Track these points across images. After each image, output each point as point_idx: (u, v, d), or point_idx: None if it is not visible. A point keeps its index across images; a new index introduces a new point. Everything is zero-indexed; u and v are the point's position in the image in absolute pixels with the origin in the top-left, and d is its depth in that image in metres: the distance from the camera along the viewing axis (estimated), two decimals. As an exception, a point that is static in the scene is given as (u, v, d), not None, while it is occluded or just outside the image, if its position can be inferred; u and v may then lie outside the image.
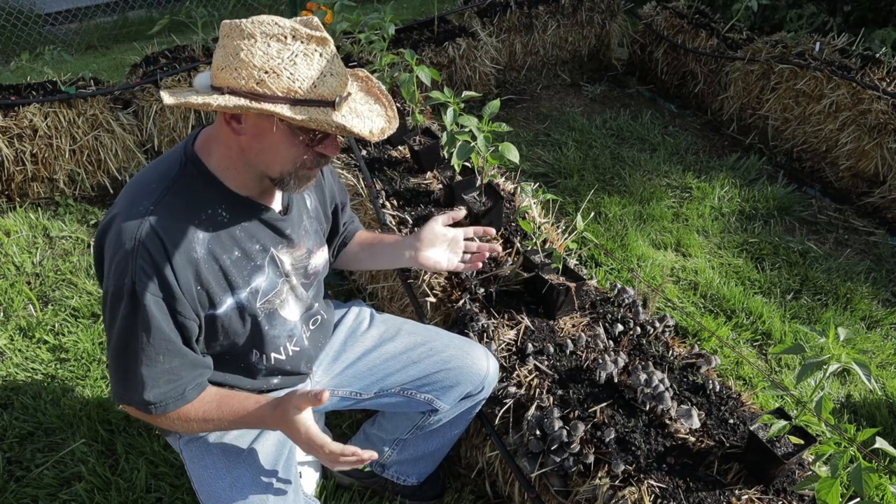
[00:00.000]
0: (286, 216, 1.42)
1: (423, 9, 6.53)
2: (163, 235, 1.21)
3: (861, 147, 3.49)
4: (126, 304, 1.21)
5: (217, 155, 1.28)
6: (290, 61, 1.13)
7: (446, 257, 1.67)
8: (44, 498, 1.99)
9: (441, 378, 1.65)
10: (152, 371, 1.25)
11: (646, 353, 1.80)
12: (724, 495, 1.44)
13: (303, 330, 1.53)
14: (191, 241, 1.25)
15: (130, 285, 1.19)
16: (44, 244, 3.16)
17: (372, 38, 2.98)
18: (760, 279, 3.00)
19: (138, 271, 1.19)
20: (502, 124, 2.06)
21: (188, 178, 1.28)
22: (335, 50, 1.19)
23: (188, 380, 1.31)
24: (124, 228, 1.21)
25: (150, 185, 1.27)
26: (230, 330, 1.36)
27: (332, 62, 1.18)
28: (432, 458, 1.88)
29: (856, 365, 1.29)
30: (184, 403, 1.31)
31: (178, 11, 4.29)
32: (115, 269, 1.21)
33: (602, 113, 4.41)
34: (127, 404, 1.31)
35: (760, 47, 4.05)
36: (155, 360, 1.25)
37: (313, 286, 1.56)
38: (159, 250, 1.20)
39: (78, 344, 2.53)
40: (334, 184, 1.69)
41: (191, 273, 1.25)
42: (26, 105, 3.26)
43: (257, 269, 1.37)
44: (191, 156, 1.29)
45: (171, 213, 1.23)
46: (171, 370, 1.27)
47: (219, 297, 1.31)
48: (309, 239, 1.50)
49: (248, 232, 1.34)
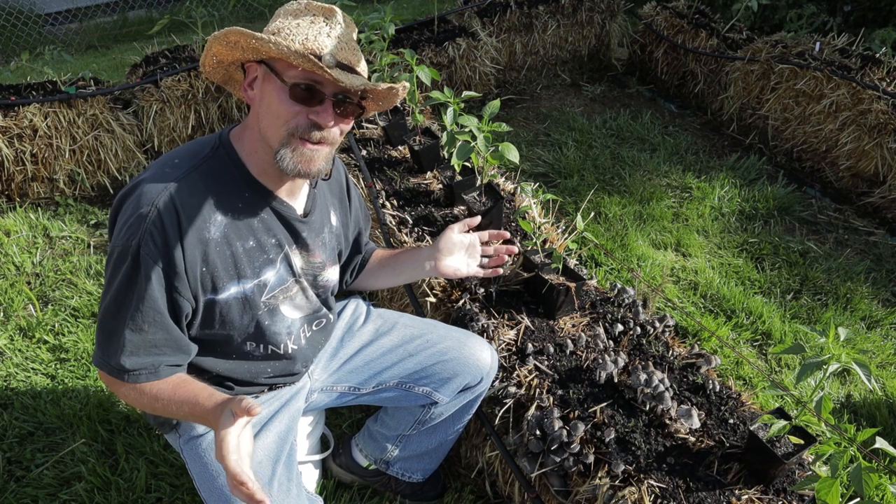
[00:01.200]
0: (306, 219, 1.43)
1: (423, 9, 6.53)
2: (180, 208, 1.23)
3: (861, 147, 3.49)
4: (128, 265, 1.22)
5: (245, 140, 1.33)
6: (296, 25, 1.24)
7: (465, 263, 1.70)
8: (44, 498, 1.99)
9: (438, 370, 1.66)
10: (135, 338, 1.26)
11: (646, 353, 1.80)
12: (724, 495, 1.44)
13: (302, 329, 1.53)
14: (206, 220, 1.26)
15: (136, 248, 1.21)
16: (44, 244, 3.16)
17: (372, 38, 2.98)
18: (760, 279, 3.00)
19: (146, 236, 1.21)
20: (502, 124, 2.06)
21: (217, 161, 1.31)
22: (342, 21, 1.28)
23: (167, 359, 1.31)
24: (144, 193, 1.23)
25: (180, 160, 1.30)
26: (227, 318, 1.36)
27: (332, 28, 1.25)
28: (436, 454, 1.88)
29: (856, 365, 1.29)
30: (154, 379, 1.31)
31: (178, 11, 4.29)
32: (125, 229, 1.22)
33: (602, 113, 4.41)
34: (102, 367, 1.31)
35: (760, 47, 4.05)
36: (140, 328, 1.25)
37: (323, 296, 1.57)
38: (173, 221, 1.22)
39: (78, 344, 2.53)
40: (360, 210, 1.71)
41: (199, 252, 1.26)
42: (26, 105, 3.26)
43: (269, 262, 1.38)
44: (225, 141, 1.34)
45: (194, 190, 1.26)
46: (153, 342, 1.27)
47: (223, 283, 1.31)
48: (325, 252, 1.51)
49: (266, 224, 1.36)
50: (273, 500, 1.38)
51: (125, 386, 1.32)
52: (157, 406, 1.33)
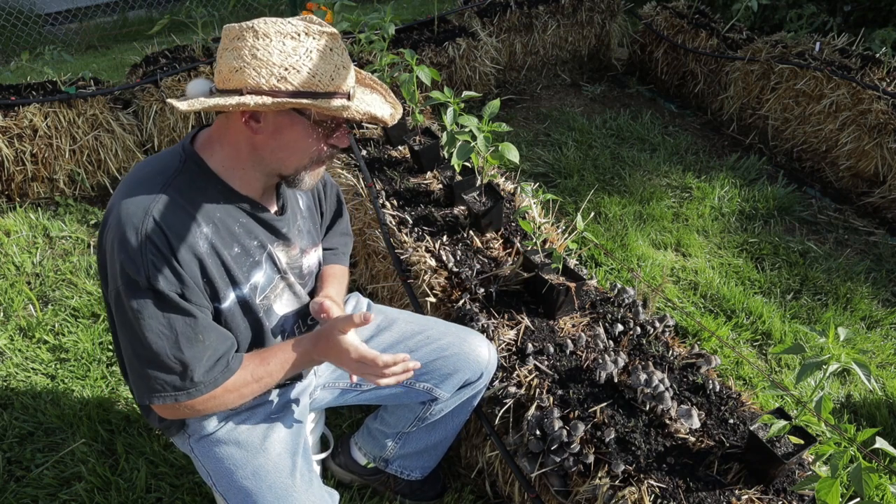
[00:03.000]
0: (282, 216, 1.44)
1: (423, 9, 6.53)
2: (167, 230, 1.22)
3: (861, 147, 3.49)
4: (150, 297, 1.21)
5: (221, 155, 1.30)
6: (306, 56, 1.17)
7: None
8: (44, 498, 1.99)
9: (439, 366, 1.66)
10: (195, 351, 1.25)
11: (646, 353, 1.80)
12: (724, 495, 1.44)
13: (297, 325, 1.54)
14: (194, 235, 1.26)
15: (146, 280, 1.19)
16: (44, 244, 3.16)
17: (372, 38, 2.98)
18: (760, 279, 3.00)
19: (149, 265, 1.19)
20: (502, 124, 2.07)
21: (188, 174, 1.28)
22: (343, 44, 1.23)
23: (225, 351, 1.31)
24: (127, 225, 1.19)
25: (149, 180, 1.26)
26: (232, 326, 1.36)
27: (342, 55, 1.22)
28: (435, 451, 1.88)
29: (856, 365, 1.29)
30: (230, 374, 1.31)
31: (178, 11, 4.29)
32: (126, 268, 1.19)
33: (602, 113, 4.41)
34: (164, 401, 1.26)
35: (760, 47, 4.05)
36: (196, 340, 1.25)
37: (308, 285, 1.58)
38: (164, 244, 1.21)
39: (78, 344, 2.53)
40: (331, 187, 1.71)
41: (196, 267, 1.26)
42: (26, 105, 3.26)
43: (256, 264, 1.38)
44: (190, 154, 1.30)
45: (174, 208, 1.23)
46: (210, 346, 1.27)
47: (223, 292, 1.32)
48: (302, 238, 1.52)
49: (246, 229, 1.36)
50: (297, 491, 1.39)
51: (201, 399, 1.29)
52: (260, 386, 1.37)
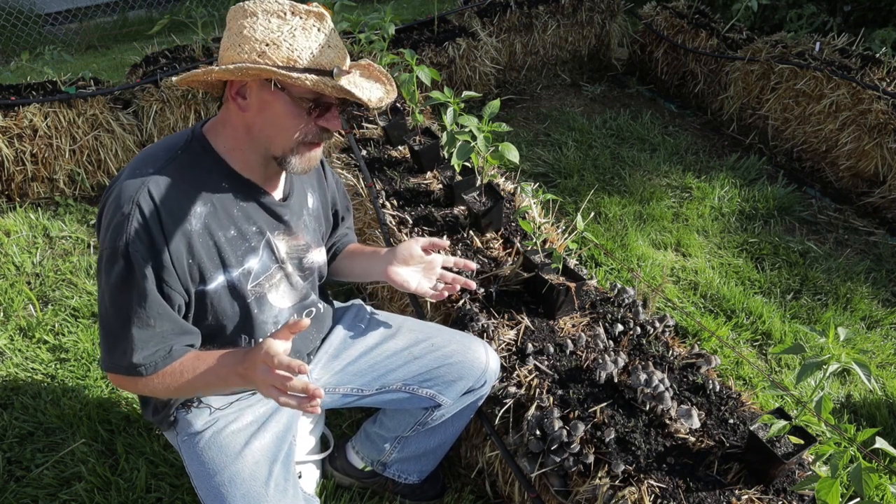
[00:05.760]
0: (286, 203, 1.44)
1: (423, 9, 6.53)
2: (159, 203, 1.24)
3: (861, 147, 3.49)
4: (121, 266, 1.23)
5: (223, 136, 1.33)
6: (289, 34, 1.20)
7: (417, 279, 1.64)
8: (44, 498, 1.99)
9: (443, 373, 1.66)
10: (143, 333, 1.27)
11: (646, 353, 1.80)
12: (724, 495, 1.44)
13: (292, 319, 1.53)
14: (186, 212, 1.27)
15: (125, 248, 1.22)
16: (44, 244, 3.16)
17: (372, 38, 2.98)
18: (760, 279, 3.00)
19: (133, 234, 1.21)
20: (502, 124, 2.06)
21: (193, 153, 1.32)
22: (332, 25, 1.25)
23: (176, 341, 1.32)
24: (123, 191, 1.24)
25: (155, 156, 1.31)
26: (219, 309, 1.37)
27: (329, 36, 1.23)
28: (434, 456, 1.88)
29: (856, 365, 1.29)
30: (171, 361, 1.31)
31: (178, 11, 4.29)
32: (111, 232, 1.23)
33: (602, 113, 4.41)
34: (114, 371, 1.31)
35: (760, 47, 4.05)
36: (146, 323, 1.26)
37: (309, 280, 1.57)
38: (154, 217, 1.23)
39: (78, 344, 2.53)
40: (336, 189, 1.72)
41: (183, 245, 1.27)
42: (26, 105, 3.26)
43: (251, 250, 1.39)
44: (198, 135, 1.34)
45: (171, 183, 1.27)
46: (161, 334, 1.28)
47: (210, 273, 1.33)
48: (308, 234, 1.52)
49: (246, 213, 1.37)
50: (269, 501, 1.38)
51: (143, 380, 1.32)
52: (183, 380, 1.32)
